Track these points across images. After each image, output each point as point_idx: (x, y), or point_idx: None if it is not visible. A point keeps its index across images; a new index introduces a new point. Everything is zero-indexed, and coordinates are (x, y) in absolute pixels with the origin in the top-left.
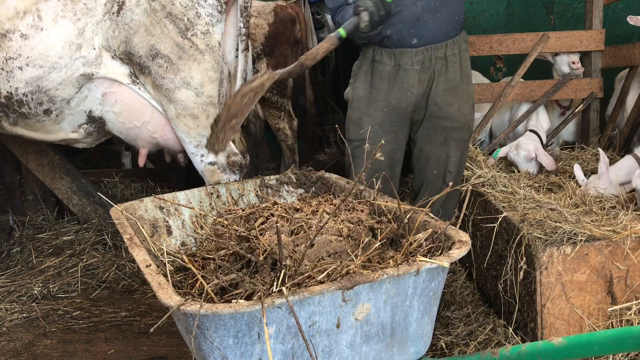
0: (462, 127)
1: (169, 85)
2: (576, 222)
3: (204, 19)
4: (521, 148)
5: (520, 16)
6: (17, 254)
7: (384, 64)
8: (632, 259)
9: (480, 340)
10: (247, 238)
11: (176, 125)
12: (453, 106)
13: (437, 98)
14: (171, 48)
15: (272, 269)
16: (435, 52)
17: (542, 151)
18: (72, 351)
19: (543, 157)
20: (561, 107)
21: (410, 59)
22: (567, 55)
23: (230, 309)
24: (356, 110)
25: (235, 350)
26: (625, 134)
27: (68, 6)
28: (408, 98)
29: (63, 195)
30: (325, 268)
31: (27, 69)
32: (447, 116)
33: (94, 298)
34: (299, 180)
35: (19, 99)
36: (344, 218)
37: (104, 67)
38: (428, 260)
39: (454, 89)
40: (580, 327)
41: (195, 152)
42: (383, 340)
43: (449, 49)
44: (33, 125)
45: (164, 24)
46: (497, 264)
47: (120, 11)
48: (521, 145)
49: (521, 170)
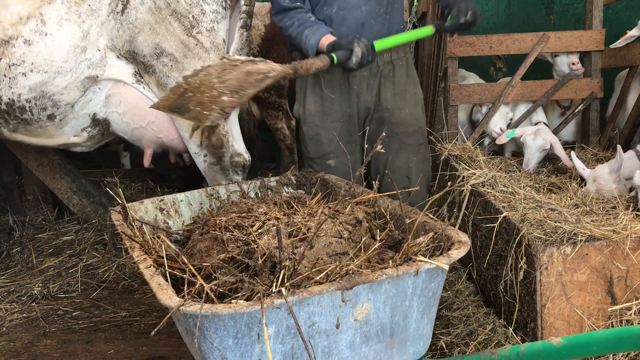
0: (416, 131)
1: (173, 84)
2: (576, 222)
3: (208, 16)
4: (540, 136)
5: (520, 16)
6: (17, 254)
7: (333, 73)
8: (632, 259)
9: (480, 340)
10: (247, 242)
11: (180, 124)
12: (404, 110)
13: (388, 103)
14: (176, 46)
15: (271, 272)
16: (382, 57)
17: (560, 146)
18: (72, 351)
19: (561, 151)
20: (561, 107)
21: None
22: (567, 56)
23: (230, 310)
24: (311, 126)
25: (234, 351)
26: (626, 134)
27: (72, 9)
28: (360, 105)
29: (63, 195)
30: (324, 268)
31: (32, 74)
32: (400, 121)
33: (94, 298)
34: (299, 181)
35: (22, 106)
36: (343, 220)
37: (109, 68)
38: (427, 260)
39: (402, 92)
40: (580, 327)
41: (198, 151)
42: (382, 340)
43: (394, 53)
44: (34, 131)
45: (168, 21)
46: (497, 264)
47: (124, 10)
48: (541, 133)
49: (526, 156)
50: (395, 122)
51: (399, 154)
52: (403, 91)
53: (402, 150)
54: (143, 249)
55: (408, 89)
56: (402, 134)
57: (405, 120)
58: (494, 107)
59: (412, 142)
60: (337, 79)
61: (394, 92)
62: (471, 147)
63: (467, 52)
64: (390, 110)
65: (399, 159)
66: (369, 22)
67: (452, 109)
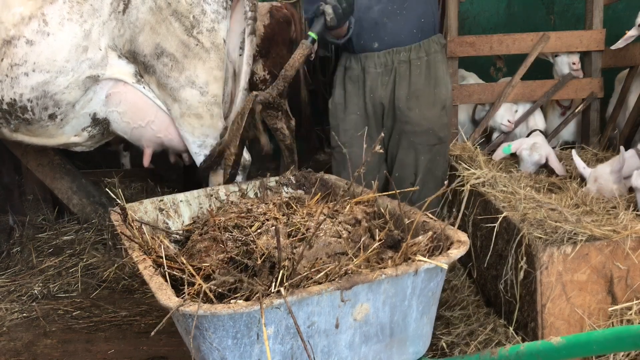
0: (426, 132)
1: (173, 84)
2: (576, 222)
3: (209, 16)
4: (536, 152)
5: (520, 16)
6: (17, 254)
7: (353, 69)
8: (632, 259)
9: (480, 340)
10: (246, 242)
11: (180, 124)
12: (414, 110)
13: (400, 102)
14: (176, 46)
15: (270, 272)
16: (398, 56)
17: (554, 157)
18: (72, 351)
19: (555, 162)
20: (561, 107)
21: (373, 62)
22: (567, 56)
23: (229, 310)
24: (334, 117)
25: (234, 351)
26: (626, 134)
27: (74, 8)
28: (375, 101)
29: (63, 195)
30: (323, 268)
31: (34, 74)
32: (409, 120)
33: (94, 298)
34: (299, 181)
35: (23, 105)
36: (342, 220)
37: (110, 68)
38: (426, 260)
39: (415, 92)
40: (580, 327)
41: (198, 151)
42: (382, 340)
43: (413, 53)
44: (35, 131)
45: (169, 21)
46: (497, 263)
47: (126, 10)
48: (537, 149)
49: (522, 168)
50: (404, 121)
51: (408, 152)
52: (416, 91)
53: (411, 149)
54: (142, 250)
55: (425, 89)
56: (410, 133)
57: (414, 120)
58: (494, 107)
59: (420, 142)
60: (357, 75)
61: (408, 92)
62: (471, 147)
63: (467, 52)
64: (402, 109)
65: (407, 157)
66: (382, 21)
67: (452, 109)
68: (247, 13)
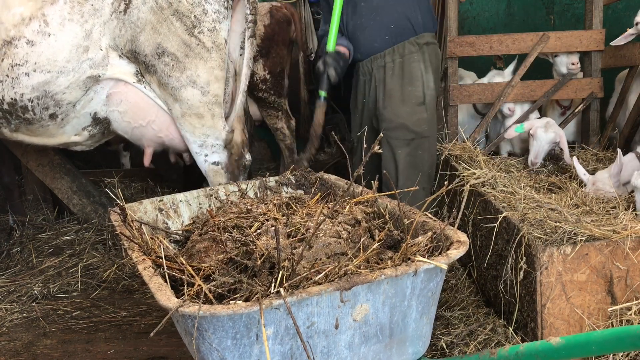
0: (398, 127)
1: (174, 84)
2: (576, 222)
3: (210, 16)
4: (551, 128)
5: (520, 16)
6: (17, 254)
7: (355, 75)
8: (632, 259)
9: (480, 340)
10: (245, 242)
11: (181, 124)
12: (387, 108)
13: (379, 104)
14: (178, 46)
15: (270, 273)
16: (376, 62)
17: (565, 139)
18: (72, 351)
19: (565, 145)
20: (561, 107)
21: (361, 70)
22: (567, 56)
23: (229, 310)
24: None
25: (233, 352)
26: (626, 134)
27: (75, 9)
28: (368, 104)
29: (63, 195)
30: (322, 269)
31: (34, 74)
32: (383, 118)
33: (94, 298)
34: (298, 181)
35: (24, 105)
36: (342, 220)
37: (111, 68)
38: (426, 260)
39: (389, 92)
40: (580, 327)
41: (199, 151)
42: (381, 340)
43: (387, 57)
44: (36, 131)
45: (170, 21)
46: (497, 264)
47: (127, 9)
48: (551, 126)
49: (534, 149)
50: (381, 120)
51: (386, 148)
52: (391, 91)
53: (386, 144)
54: (142, 250)
55: (398, 88)
56: (385, 130)
57: (387, 117)
58: (494, 107)
59: (395, 137)
60: (355, 80)
61: (384, 93)
62: (471, 147)
63: (467, 52)
64: (379, 109)
65: (386, 152)
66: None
67: (452, 109)
68: (247, 16)
